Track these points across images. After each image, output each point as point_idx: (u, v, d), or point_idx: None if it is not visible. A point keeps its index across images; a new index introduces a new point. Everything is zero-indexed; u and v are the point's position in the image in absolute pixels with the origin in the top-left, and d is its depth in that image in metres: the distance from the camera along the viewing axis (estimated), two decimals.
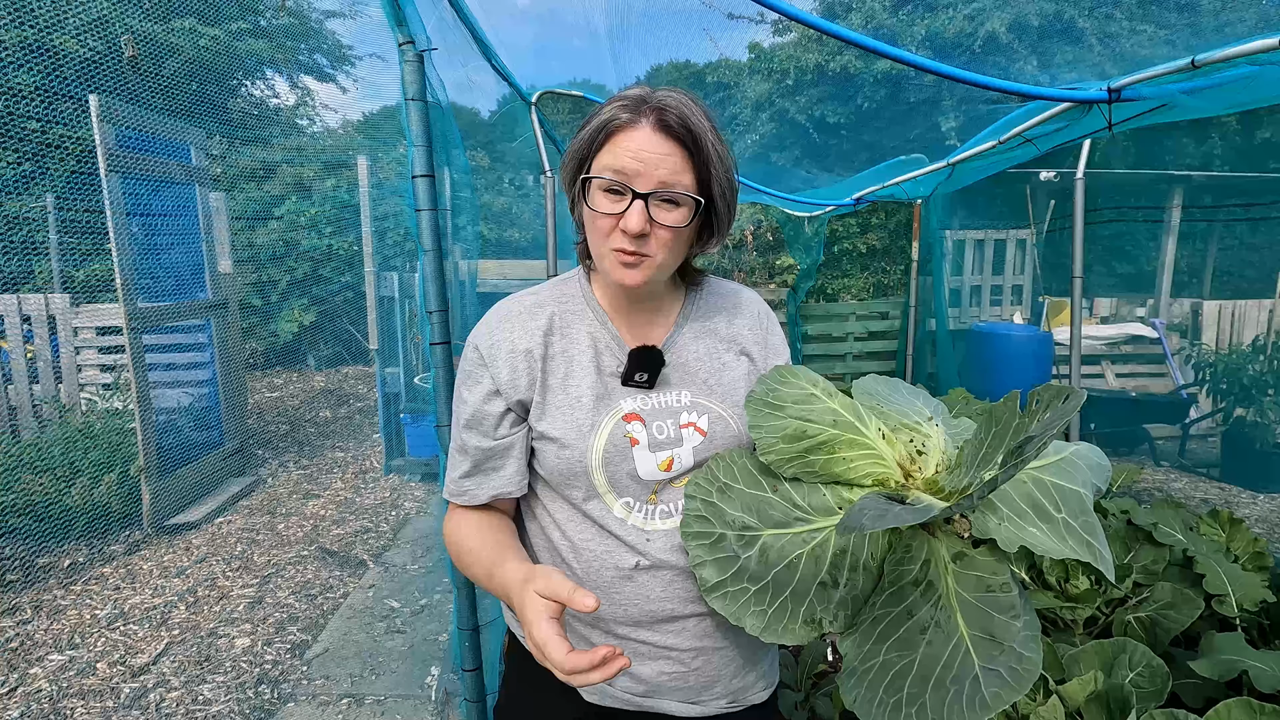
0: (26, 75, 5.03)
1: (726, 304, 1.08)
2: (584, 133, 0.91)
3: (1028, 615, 0.68)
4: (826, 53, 9.15)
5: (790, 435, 0.77)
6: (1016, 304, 6.75)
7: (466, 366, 1.01)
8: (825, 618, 0.74)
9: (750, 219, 6.74)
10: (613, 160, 0.87)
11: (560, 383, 0.97)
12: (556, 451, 0.95)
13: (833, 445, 0.76)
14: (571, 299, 1.03)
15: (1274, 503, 4.44)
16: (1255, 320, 6.56)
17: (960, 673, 0.64)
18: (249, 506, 4.43)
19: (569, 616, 0.98)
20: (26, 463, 3.73)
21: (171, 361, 4.84)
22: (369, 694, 2.58)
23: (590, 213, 0.91)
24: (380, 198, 6.13)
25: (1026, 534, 0.70)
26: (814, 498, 0.76)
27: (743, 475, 0.80)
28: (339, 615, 3.16)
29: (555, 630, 0.74)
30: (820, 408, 0.79)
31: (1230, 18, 3.01)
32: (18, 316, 4.55)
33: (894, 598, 0.72)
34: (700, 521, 0.80)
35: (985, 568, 0.70)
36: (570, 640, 0.96)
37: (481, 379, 0.98)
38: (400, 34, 1.68)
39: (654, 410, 0.96)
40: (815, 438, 0.76)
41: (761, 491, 0.77)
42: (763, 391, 0.82)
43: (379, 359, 4.99)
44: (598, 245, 0.93)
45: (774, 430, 0.76)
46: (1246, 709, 1.24)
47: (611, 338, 1.00)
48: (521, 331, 0.98)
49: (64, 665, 2.75)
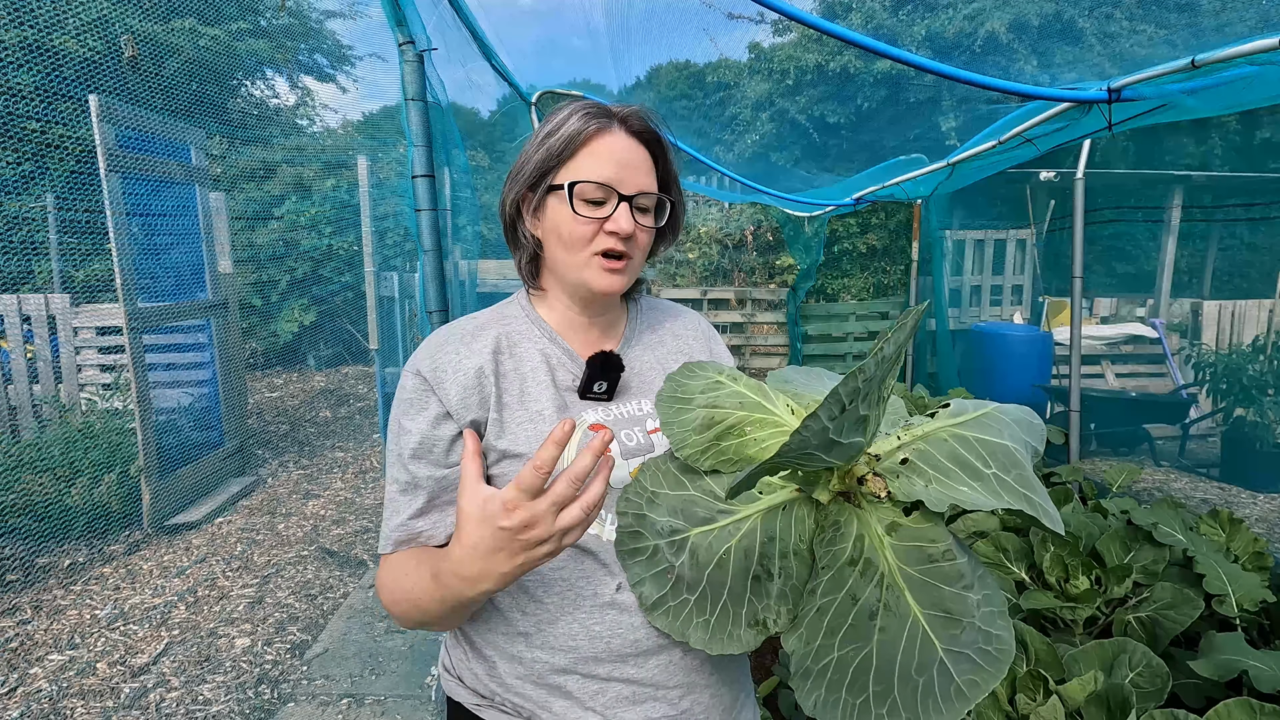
0: (26, 75, 5.03)
1: (669, 318, 1.09)
2: (549, 144, 0.89)
3: (985, 587, 0.64)
4: (826, 53, 9.15)
5: (700, 425, 0.74)
6: (1016, 304, 6.75)
7: (406, 395, 0.90)
8: (768, 617, 0.71)
9: (750, 219, 6.75)
10: (595, 166, 0.88)
11: (517, 399, 0.91)
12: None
13: (741, 428, 0.74)
14: (515, 319, 0.98)
15: (1274, 503, 4.44)
16: (1255, 320, 6.57)
17: (924, 660, 0.60)
18: (249, 506, 4.43)
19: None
20: (26, 463, 3.73)
21: (171, 361, 4.84)
22: (369, 694, 2.58)
23: (570, 220, 0.88)
24: (380, 198, 6.13)
25: (957, 493, 0.65)
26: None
27: (667, 479, 0.76)
28: (339, 615, 3.16)
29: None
30: (726, 392, 0.76)
31: (1230, 18, 3.00)
32: (18, 316, 4.55)
33: (833, 583, 0.67)
34: (633, 537, 0.76)
35: (922, 536, 0.66)
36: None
37: (427, 404, 0.89)
38: (400, 34, 1.68)
39: (618, 420, 0.93)
40: (723, 423, 0.74)
41: (684, 490, 0.74)
42: (670, 388, 0.79)
43: (379, 359, 4.99)
44: (573, 255, 0.90)
45: (685, 425, 0.74)
46: (1246, 709, 1.24)
47: (563, 352, 0.96)
48: (467, 351, 0.91)
49: (64, 665, 2.75)
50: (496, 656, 0.91)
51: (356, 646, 2.89)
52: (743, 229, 6.77)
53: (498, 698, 0.91)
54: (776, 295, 6.44)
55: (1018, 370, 5.28)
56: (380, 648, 2.88)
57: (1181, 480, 4.86)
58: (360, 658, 2.81)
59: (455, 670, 0.97)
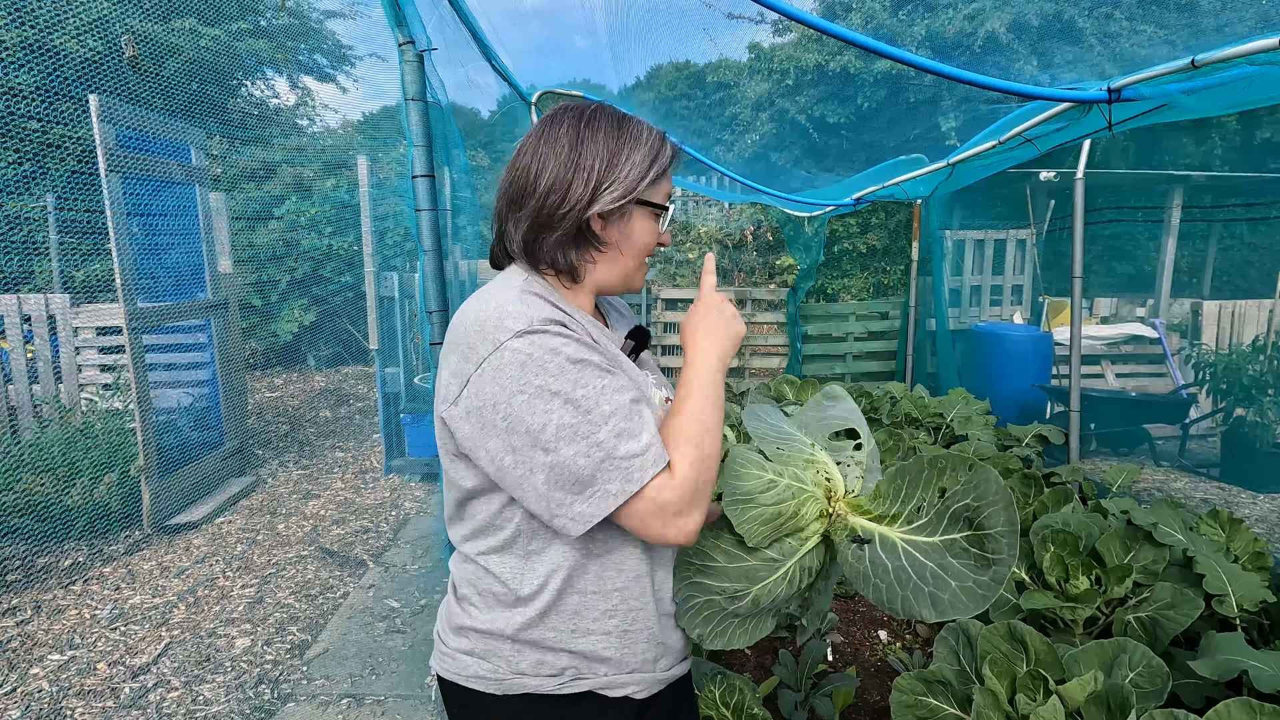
0: (26, 75, 5.03)
1: (621, 307, 1.21)
2: (641, 163, 0.94)
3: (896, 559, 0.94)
4: (826, 53, 9.16)
5: (767, 519, 0.93)
6: (1016, 304, 6.75)
7: (544, 344, 0.83)
8: (791, 609, 1.09)
9: (750, 219, 6.75)
10: (668, 191, 1.00)
11: (608, 353, 0.93)
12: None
13: (795, 512, 0.96)
14: (544, 303, 0.92)
15: (1274, 503, 4.44)
16: (1255, 320, 6.57)
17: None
18: (249, 506, 4.43)
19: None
20: (26, 463, 3.73)
21: (171, 361, 4.84)
22: (369, 694, 2.58)
23: (650, 234, 0.99)
24: (380, 198, 6.12)
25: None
26: (784, 547, 0.97)
27: (723, 554, 0.97)
28: (339, 615, 3.16)
29: None
30: (780, 490, 0.95)
31: (1230, 18, 3.00)
32: (18, 316, 4.55)
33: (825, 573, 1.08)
34: (690, 600, 0.99)
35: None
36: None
37: (570, 335, 0.86)
38: (400, 34, 1.69)
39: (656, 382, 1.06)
40: (785, 514, 0.95)
41: (744, 562, 0.96)
42: (730, 491, 0.93)
43: (379, 359, 4.99)
44: (635, 261, 1.00)
45: (753, 520, 0.92)
46: (1246, 709, 1.24)
47: (596, 328, 0.97)
48: (541, 306, 0.89)
49: (64, 665, 2.75)
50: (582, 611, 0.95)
51: (356, 646, 2.89)
52: (743, 229, 6.77)
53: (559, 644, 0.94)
54: (776, 295, 6.44)
55: (1018, 370, 5.28)
56: (380, 648, 2.88)
57: (1181, 480, 4.86)
58: (360, 658, 2.81)
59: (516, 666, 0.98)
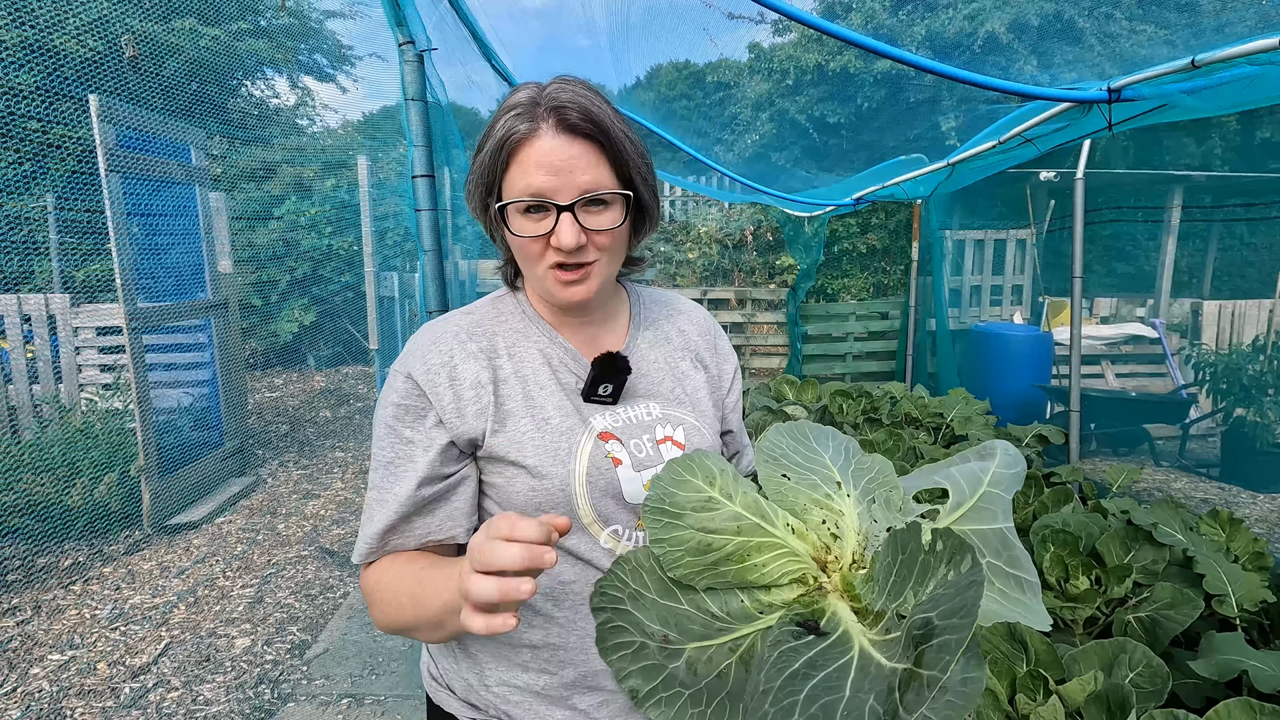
0: (27, 75, 5.03)
1: (671, 311, 1.04)
2: (483, 154, 0.83)
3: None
4: (826, 53, 9.16)
5: (695, 549, 0.70)
6: (1016, 304, 6.76)
7: (397, 399, 0.85)
8: None
9: (750, 219, 6.75)
10: (524, 179, 0.79)
11: (521, 406, 0.86)
12: (529, 482, 0.84)
13: (742, 554, 0.71)
14: (510, 316, 0.93)
15: (1274, 503, 4.44)
16: (1255, 320, 6.57)
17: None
18: (249, 506, 4.43)
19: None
20: (26, 463, 3.73)
21: (171, 361, 4.84)
22: (369, 694, 2.58)
23: (515, 239, 0.83)
24: (380, 198, 6.13)
25: None
26: (732, 604, 0.71)
27: (653, 583, 0.72)
28: (339, 615, 3.16)
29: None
30: (722, 514, 0.72)
31: (1230, 18, 3.00)
32: (18, 316, 4.55)
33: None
34: (616, 632, 0.71)
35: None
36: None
37: (425, 412, 0.84)
38: (400, 34, 1.69)
39: (627, 426, 0.89)
40: (721, 550, 0.70)
41: (676, 604, 0.71)
42: (658, 496, 0.73)
43: (379, 359, 4.99)
44: (531, 269, 0.86)
45: (676, 543, 0.70)
46: (1246, 709, 1.24)
47: (565, 352, 0.91)
48: (462, 354, 0.86)
49: (64, 665, 2.75)
50: (493, 665, 0.89)
51: (356, 646, 2.89)
52: (743, 229, 6.77)
53: (492, 709, 0.90)
54: (776, 295, 6.45)
55: (1018, 370, 5.28)
56: (380, 648, 2.88)
57: (1181, 480, 4.86)
58: (360, 658, 2.81)
59: (445, 679, 0.95)
